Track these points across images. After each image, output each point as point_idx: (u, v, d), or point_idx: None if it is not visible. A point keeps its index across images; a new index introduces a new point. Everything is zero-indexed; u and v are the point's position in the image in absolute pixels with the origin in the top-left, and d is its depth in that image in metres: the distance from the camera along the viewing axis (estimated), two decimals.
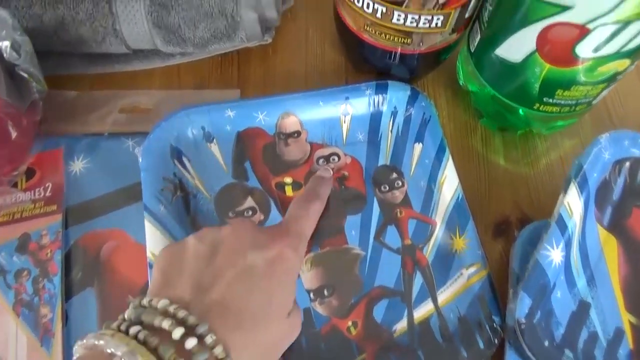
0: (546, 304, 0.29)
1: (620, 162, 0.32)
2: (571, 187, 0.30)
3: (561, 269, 0.29)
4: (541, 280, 0.28)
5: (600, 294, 0.30)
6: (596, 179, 0.31)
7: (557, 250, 0.29)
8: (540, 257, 0.29)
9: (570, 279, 0.30)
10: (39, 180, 0.35)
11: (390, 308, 0.32)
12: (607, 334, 0.29)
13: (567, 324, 0.29)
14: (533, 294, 0.28)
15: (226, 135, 0.36)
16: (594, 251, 0.31)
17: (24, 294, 0.32)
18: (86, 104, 0.39)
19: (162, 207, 0.32)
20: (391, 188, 0.35)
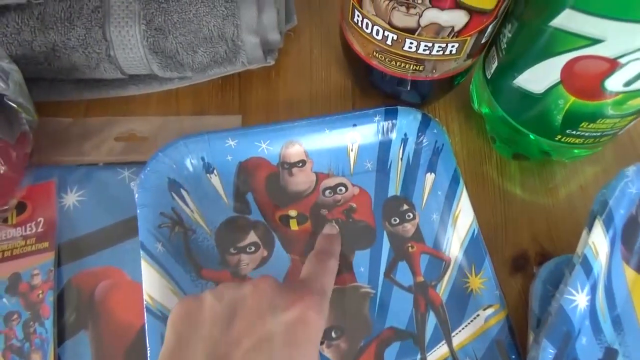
0: (570, 352, 0.27)
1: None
2: (596, 225, 0.28)
3: (586, 314, 0.27)
4: (565, 328, 0.26)
5: (628, 340, 0.28)
6: (622, 215, 0.29)
7: (582, 294, 0.27)
8: (564, 302, 0.27)
9: (596, 324, 0.28)
10: (30, 215, 0.34)
11: (402, 351, 0.30)
12: None
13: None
14: (557, 343, 0.26)
15: (227, 165, 0.34)
16: (621, 294, 0.29)
17: (14, 339, 0.30)
18: (80, 131, 0.37)
19: (160, 245, 0.31)
20: (402, 221, 0.34)
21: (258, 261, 0.32)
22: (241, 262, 0.32)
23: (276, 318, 0.23)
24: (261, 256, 0.32)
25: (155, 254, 0.30)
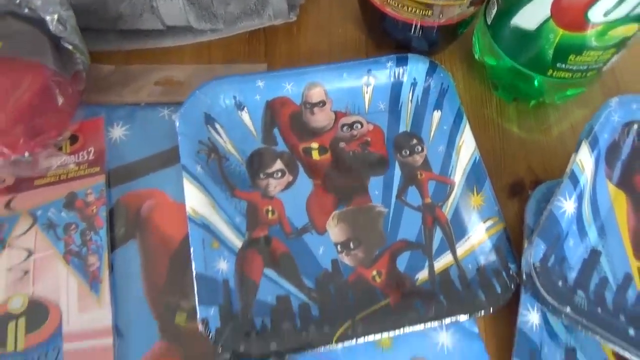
0: (559, 250, 0.31)
1: (629, 124, 0.34)
2: (583, 146, 0.32)
3: (573, 219, 0.32)
4: (555, 229, 0.31)
5: (610, 244, 0.32)
6: (606, 139, 0.33)
7: (570, 202, 0.31)
8: (554, 208, 0.31)
9: (582, 229, 0.32)
10: (82, 145, 0.38)
11: (412, 259, 0.34)
12: (617, 279, 0.31)
13: (579, 269, 0.31)
14: (547, 241, 0.30)
15: (256, 104, 0.38)
16: (604, 205, 0.33)
17: (72, 244, 0.34)
18: (122, 77, 0.41)
19: (199, 167, 0.35)
20: (412, 153, 0.38)
21: (284, 185, 0.36)
22: (269, 185, 0.36)
23: None
24: (287, 181, 0.37)
25: (196, 174, 0.35)
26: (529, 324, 0.31)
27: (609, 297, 0.31)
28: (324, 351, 0.31)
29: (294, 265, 0.34)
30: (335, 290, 0.33)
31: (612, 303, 0.30)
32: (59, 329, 0.32)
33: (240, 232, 0.34)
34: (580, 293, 0.30)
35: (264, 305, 0.32)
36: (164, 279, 0.34)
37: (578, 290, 0.30)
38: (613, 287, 0.31)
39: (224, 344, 0.30)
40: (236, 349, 0.30)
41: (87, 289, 0.33)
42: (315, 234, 0.35)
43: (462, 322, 0.32)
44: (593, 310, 0.29)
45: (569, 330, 0.32)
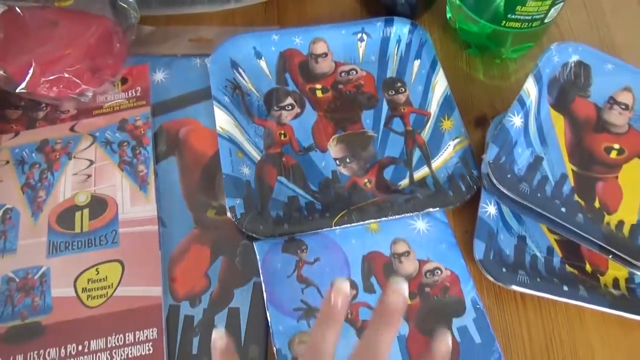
0: (510, 154, 0.39)
1: (566, 64, 0.43)
2: (529, 78, 0.41)
3: (521, 131, 0.40)
4: (505, 136, 0.39)
5: (551, 152, 0.41)
6: (548, 74, 0.42)
7: (517, 117, 0.40)
8: (505, 121, 0.40)
9: (528, 140, 0.41)
10: (131, 85, 0.47)
11: (396, 171, 0.43)
12: (555, 177, 0.40)
13: (525, 168, 0.40)
14: (499, 145, 0.39)
15: (271, 53, 0.47)
16: (547, 123, 0.42)
17: (125, 156, 0.43)
18: (162, 36, 0.50)
19: (226, 98, 0.44)
20: (397, 92, 0.47)
21: (294, 115, 0.45)
22: (282, 115, 0.45)
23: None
24: (296, 112, 0.45)
25: (224, 103, 0.44)
26: (487, 213, 0.39)
27: (548, 189, 0.39)
28: (326, 234, 0.39)
29: (302, 174, 0.42)
30: (335, 192, 0.42)
31: (550, 193, 0.39)
32: (115, 217, 0.40)
33: (258, 148, 0.43)
34: (524, 184, 0.38)
35: (278, 202, 0.41)
36: (198, 184, 0.42)
37: (523, 182, 0.39)
38: (552, 182, 0.40)
39: (247, 225, 0.38)
40: (256, 229, 0.38)
41: (137, 189, 0.41)
42: (319, 151, 0.43)
43: (435, 214, 0.41)
44: (534, 195, 0.38)
45: (520, 222, 0.40)
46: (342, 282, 0.28)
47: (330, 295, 0.28)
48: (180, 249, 0.40)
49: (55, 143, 0.43)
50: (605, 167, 0.41)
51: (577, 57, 0.43)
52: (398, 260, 0.39)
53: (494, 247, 0.38)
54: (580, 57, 0.43)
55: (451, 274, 0.38)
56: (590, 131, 0.42)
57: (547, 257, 0.39)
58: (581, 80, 0.43)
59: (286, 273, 0.38)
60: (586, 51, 0.43)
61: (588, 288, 0.37)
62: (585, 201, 0.39)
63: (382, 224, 0.40)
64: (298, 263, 0.38)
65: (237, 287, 0.38)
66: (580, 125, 0.42)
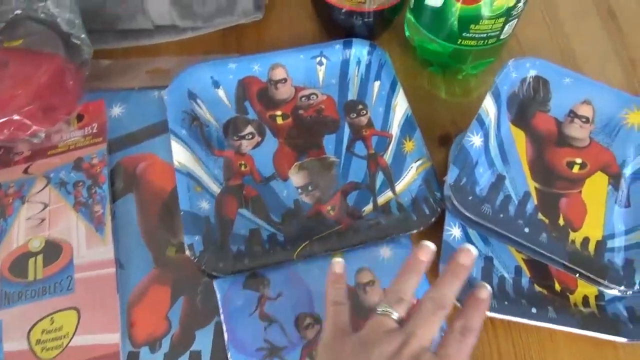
0: (471, 175, 0.39)
1: (524, 80, 0.43)
2: (487, 96, 0.41)
3: (482, 151, 0.40)
4: (465, 157, 0.39)
5: (513, 170, 0.40)
6: (506, 90, 0.42)
7: (477, 137, 0.39)
8: (465, 142, 0.39)
9: (489, 159, 0.40)
10: (87, 122, 0.46)
11: (360, 196, 0.42)
12: (518, 195, 0.39)
13: (487, 188, 0.39)
14: (460, 166, 0.38)
15: (229, 82, 0.47)
16: (508, 140, 0.41)
17: (81, 197, 0.41)
18: (119, 69, 0.50)
19: (184, 131, 0.43)
20: (358, 115, 0.46)
21: (254, 144, 0.44)
22: (242, 145, 0.44)
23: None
24: (256, 141, 0.45)
25: (181, 136, 0.43)
26: (452, 236, 0.39)
27: (512, 209, 0.39)
28: (288, 266, 0.38)
29: (263, 205, 0.41)
30: (297, 222, 0.41)
31: (513, 213, 0.38)
32: (70, 262, 0.39)
33: (218, 181, 0.42)
34: (487, 205, 0.38)
35: (239, 236, 0.40)
36: (157, 222, 0.41)
37: (485, 203, 0.38)
38: (515, 202, 0.39)
39: (205, 263, 0.37)
40: (215, 266, 0.37)
41: (93, 231, 0.40)
42: (280, 180, 0.43)
43: (399, 240, 0.40)
44: (496, 216, 0.37)
45: (486, 243, 0.40)
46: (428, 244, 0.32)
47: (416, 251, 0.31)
48: (139, 291, 0.38)
49: (9, 187, 0.42)
50: (568, 183, 0.40)
51: (534, 72, 0.43)
52: (362, 290, 0.38)
53: None
54: (537, 72, 0.43)
55: (417, 302, 0.37)
56: (552, 146, 0.42)
57: (515, 278, 0.38)
58: (540, 95, 0.43)
59: (248, 311, 0.37)
60: (543, 66, 0.43)
61: (557, 308, 0.36)
62: (549, 219, 0.39)
63: (345, 252, 0.39)
64: (260, 299, 0.37)
65: (199, 328, 0.37)
66: (541, 141, 0.42)
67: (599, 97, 0.43)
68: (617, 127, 0.42)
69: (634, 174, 0.41)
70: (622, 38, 0.52)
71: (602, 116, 0.43)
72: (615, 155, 0.42)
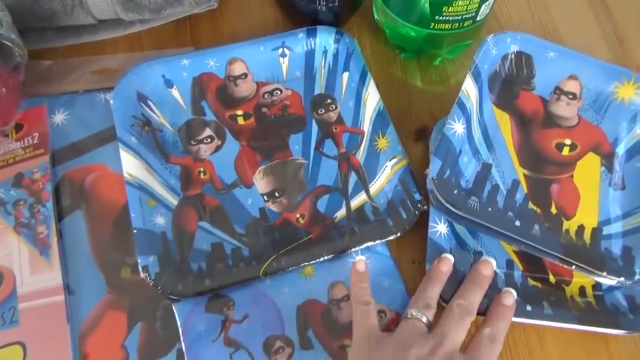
0: (455, 165, 0.35)
1: (505, 56, 0.39)
2: (467, 78, 0.37)
3: (464, 139, 0.36)
4: (447, 147, 0.35)
5: (499, 157, 0.37)
6: (487, 70, 0.39)
7: (459, 123, 0.36)
8: (446, 130, 0.36)
9: (474, 147, 0.37)
10: (26, 132, 0.41)
11: (331, 201, 0.38)
12: (506, 185, 0.36)
13: (473, 180, 0.36)
14: (442, 157, 0.35)
15: (183, 80, 0.42)
16: (491, 125, 0.38)
17: (22, 217, 0.37)
18: (61, 70, 0.45)
19: (134, 138, 0.39)
20: (327, 110, 0.42)
21: (214, 148, 0.40)
22: (200, 150, 0.40)
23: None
24: (216, 145, 0.41)
25: (131, 145, 0.38)
26: (437, 233, 0.35)
27: (500, 200, 0.36)
28: (254, 285, 0.35)
29: (225, 216, 0.38)
30: (264, 233, 0.37)
31: (502, 204, 0.35)
32: (13, 292, 0.35)
33: (175, 192, 0.38)
34: (473, 198, 0.34)
35: (200, 252, 0.36)
36: (109, 240, 0.37)
37: (472, 196, 0.35)
38: (504, 192, 0.36)
39: (162, 286, 0.34)
40: (174, 289, 0.34)
41: (38, 255, 0.36)
42: (244, 187, 0.39)
43: (375, 248, 0.37)
44: (484, 210, 0.34)
45: (475, 237, 0.37)
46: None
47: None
48: (92, 318, 0.35)
49: None
50: (559, 167, 0.37)
51: (516, 47, 0.39)
52: (337, 307, 0.35)
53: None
54: (519, 47, 0.40)
55: (396, 316, 0.34)
56: (539, 127, 0.39)
57: (507, 272, 0.36)
58: (523, 72, 0.40)
59: (211, 337, 0.33)
60: (525, 40, 0.40)
61: (553, 303, 0.34)
62: (540, 208, 0.36)
63: (317, 266, 0.36)
64: (225, 323, 0.34)
65: (159, 357, 0.34)
66: (527, 122, 0.39)
67: (586, 71, 0.39)
68: (606, 103, 0.39)
69: (628, 152, 0.38)
70: (609, 14, 0.49)
71: (590, 91, 0.40)
72: (606, 133, 0.39)
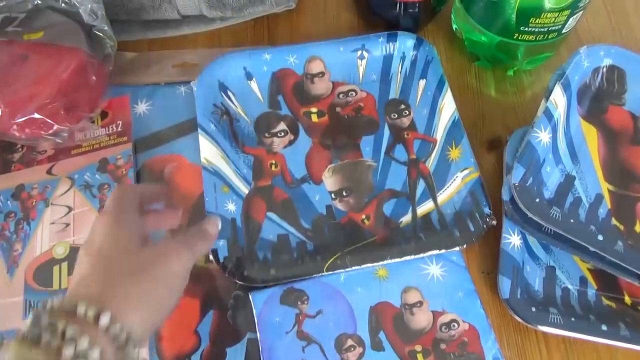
0: (537, 174, 0.35)
1: (597, 69, 0.39)
2: (556, 88, 0.37)
3: (549, 148, 0.36)
4: (532, 155, 0.35)
5: (583, 170, 0.37)
6: (577, 81, 0.38)
7: (545, 133, 0.36)
8: (531, 138, 0.35)
9: (558, 157, 0.37)
10: (111, 120, 0.44)
11: (398, 206, 0.39)
12: (589, 198, 0.36)
13: (555, 190, 0.36)
14: (525, 165, 0.35)
15: (263, 74, 0.44)
16: (578, 137, 0.38)
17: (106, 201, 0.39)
18: (144, 62, 0.47)
19: (213, 126, 0.40)
20: (400, 116, 0.43)
21: (286, 143, 0.41)
22: (273, 143, 0.41)
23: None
24: (289, 139, 0.42)
25: (209, 131, 0.40)
26: (510, 245, 0.35)
27: (582, 213, 0.35)
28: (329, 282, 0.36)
29: (293, 209, 0.39)
30: (329, 230, 0.38)
31: (585, 218, 0.35)
32: None
33: (247, 181, 0.40)
34: (555, 209, 0.34)
35: (266, 242, 0.37)
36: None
37: (554, 206, 0.34)
38: (586, 205, 0.36)
39: (230, 270, 0.35)
40: (240, 274, 0.35)
41: None
42: (313, 183, 0.40)
43: (449, 256, 0.36)
44: (566, 221, 0.34)
45: (547, 251, 0.36)
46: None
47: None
48: None
49: (32, 188, 0.40)
50: None
51: (609, 60, 0.39)
52: (409, 312, 0.35)
53: (521, 283, 0.35)
54: (613, 60, 0.39)
55: (469, 327, 0.34)
56: (627, 144, 0.38)
57: (580, 290, 0.35)
58: (615, 86, 0.39)
59: (285, 328, 0.34)
60: (620, 54, 0.39)
61: (629, 325, 0.33)
62: (624, 225, 0.35)
63: (391, 269, 0.36)
64: (298, 317, 0.35)
65: (230, 345, 0.35)
66: (615, 138, 0.38)
67: None
68: None
69: None
70: None
71: None
72: None
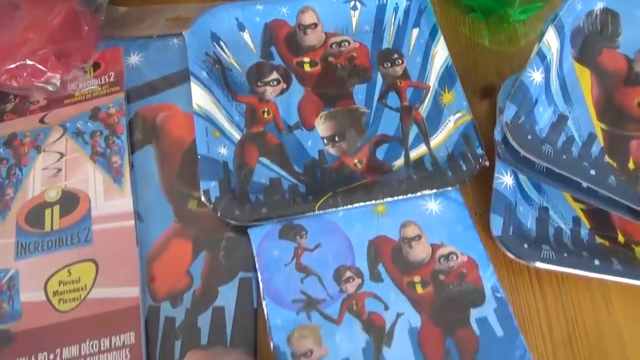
0: (530, 113, 0.35)
1: (590, 13, 0.39)
2: (549, 29, 0.36)
3: (542, 88, 0.36)
4: (524, 93, 0.35)
5: (576, 110, 0.37)
6: (571, 24, 0.38)
7: (537, 72, 0.35)
8: (524, 77, 0.35)
9: (550, 98, 0.37)
10: (103, 71, 0.43)
11: (390, 150, 0.39)
12: (582, 137, 0.36)
13: (547, 129, 0.36)
14: (518, 103, 0.34)
15: (256, 25, 0.43)
16: (571, 78, 0.38)
17: (98, 147, 0.39)
18: (137, 16, 0.47)
19: (204, 73, 0.40)
20: (392, 65, 0.42)
21: (279, 91, 0.41)
22: (266, 91, 0.41)
23: None
24: (281, 88, 0.41)
25: (201, 78, 0.40)
26: (503, 185, 0.35)
27: (575, 151, 0.35)
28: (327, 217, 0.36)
29: (285, 154, 0.39)
30: (321, 174, 0.38)
31: (577, 155, 0.35)
32: (88, 214, 0.37)
33: (239, 127, 0.40)
34: (547, 146, 0.34)
35: (259, 184, 0.37)
36: (177, 174, 0.39)
37: (545, 143, 0.34)
38: (579, 143, 0.36)
39: (222, 210, 0.35)
40: (232, 214, 0.35)
41: (111, 182, 0.38)
42: (305, 130, 0.40)
43: (449, 193, 0.36)
44: (559, 157, 0.34)
45: (540, 192, 0.36)
46: None
47: None
48: (159, 245, 0.37)
49: (24, 136, 0.40)
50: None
51: (602, 4, 0.39)
52: (408, 245, 0.35)
53: (513, 221, 0.34)
54: (606, 4, 0.39)
55: (468, 259, 0.34)
56: (621, 85, 0.38)
57: (573, 229, 0.35)
58: (608, 29, 0.39)
59: (284, 261, 0.34)
60: None
61: (622, 261, 0.33)
62: (617, 162, 0.35)
63: (389, 206, 0.36)
64: (297, 250, 0.35)
65: (222, 284, 0.35)
66: (609, 79, 0.38)
67: None
68: None
69: None
70: None
71: None
72: None
